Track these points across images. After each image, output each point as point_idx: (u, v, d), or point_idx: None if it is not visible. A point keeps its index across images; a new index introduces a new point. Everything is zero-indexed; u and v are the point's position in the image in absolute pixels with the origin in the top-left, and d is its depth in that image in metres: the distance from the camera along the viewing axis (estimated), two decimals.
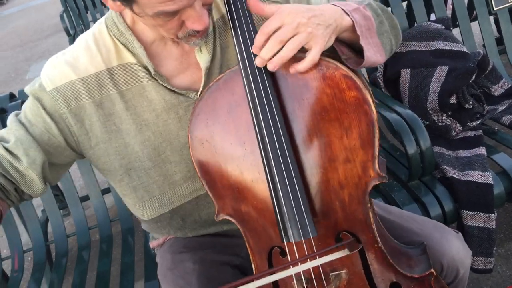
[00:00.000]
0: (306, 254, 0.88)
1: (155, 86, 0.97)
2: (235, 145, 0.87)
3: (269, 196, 0.85)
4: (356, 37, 0.86)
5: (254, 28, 0.85)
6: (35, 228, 1.93)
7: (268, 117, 0.82)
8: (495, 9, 2.07)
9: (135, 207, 1.10)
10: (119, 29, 0.95)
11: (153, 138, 1.00)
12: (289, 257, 0.90)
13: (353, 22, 0.84)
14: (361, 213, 0.87)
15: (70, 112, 0.97)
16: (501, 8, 2.07)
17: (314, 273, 0.90)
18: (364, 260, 0.90)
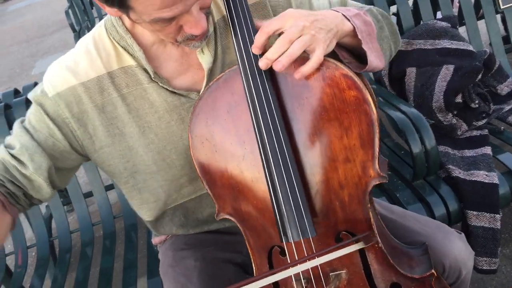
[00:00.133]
0: (306, 254, 0.88)
1: (156, 88, 0.97)
2: (235, 145, 0.87)
3: (268, 196, 0.85)
4: (357, 42, 0.86)
5: (254, 29, 0.85)
6: (39, 224, 1.94)
7: (267, 117, 0.82)
8: (502, 7, 2.05)
9: (140, 208, 1.11)
10: (119, 33, 0.95)
11: (157, 140, 1.00)
12: (288, 257, 0.90)
13: (354, 27, 0.85)
14: (361, 213, 0.86)
15: (72, 117, 0.97)
16: (508, 6, 2.06)
17: (314, 273, 0.89)
18: (364, 260, 0.89)
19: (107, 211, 1.95)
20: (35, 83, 2.07)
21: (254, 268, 0.94)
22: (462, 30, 2.07)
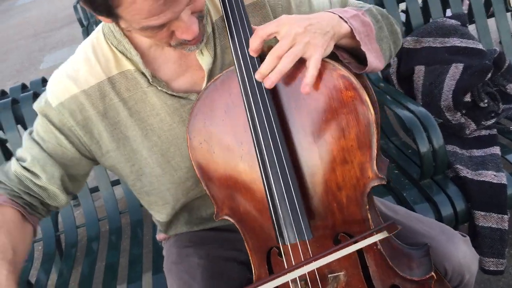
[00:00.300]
0: (303, 255, 0.87)
1: (155, 91, 0.97)
2: (233, 146, 0.87)
3: (266, 198, 0.85)
4: (355, 43, 0.86)
5: (251, 30, 0.84)
6: (45, 219, 1.92)
7: (263, 119, 0.82)
8: None
9: (150, 209, 1.13)
10: (116, 37, 0.95)
11: (160, 143, 1.00)
12: (286, 259, 0.89)
13: (351, 28, 0.84)
14: (360, 215, 0.86)
15: (77, 125, 0.98)
16: None
17: (312, 275, 0.89)
18: (362, 262, 0.89)
19: (113, 206, 1.96)
20: (43, 78, 2.09)
21: (252, 269, 0.94)
22: (471, 28, 2.05)
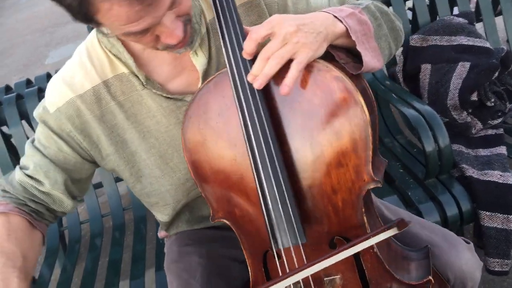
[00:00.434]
0: (298, 259, 0.86)
1: (150, 94, 0.96)
2: (227, 148, 0.86)
3: (259, 201, 0.84)
4: (351, 43, 0.84)
5: (242, 32, 0.83)
6: None
7: (255, 121, 0.81)
8: None
9: (152, 209, 1.13)
10: (110, 41, 0.94)
11: (158, 144, 1.00)
12: (280, 262, 0.89)
13: (346, 28, 0.82)
14: (356, 218, 0.84)
15: (76, 129, 0.98)
16: None
17: (306, 279, 0.88)
18: (359, 265, 0.88)
19: (117, 203, 1.96)
20: (48, 73, 2.08)
21: (249, 271, 0.94)
22: (479, 27, 2.03)
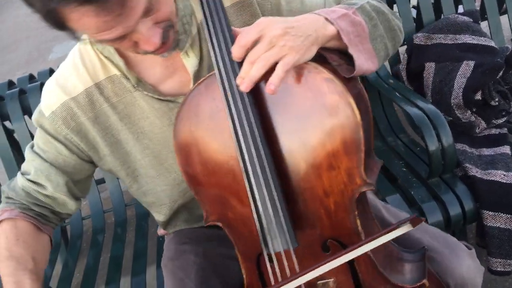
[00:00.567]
0: (290, 262, 0.86)
1: (142, 96, 0.96)
2: (218, 151, 0.85)
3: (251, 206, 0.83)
4: (344, 45, 0.82)
5: (231, 34, 0.81)
6: None
7: (244, 125, 0.79)
8: None
9: (149, 209, 1.13)
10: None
11: (152, 145, 1.00)
12: (274, 265, 0.88)
13: (337, 30, 0.80)
14: (348, 221, 0.84)
15: (72, 132, 0.98)
16: None
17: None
18: (352, 268, 0.87)
19: (119, 199, 1.96)
20: (51, 69, 2.08)
21: (244, 273, 0.93)
22: (484, 25, 2.01)
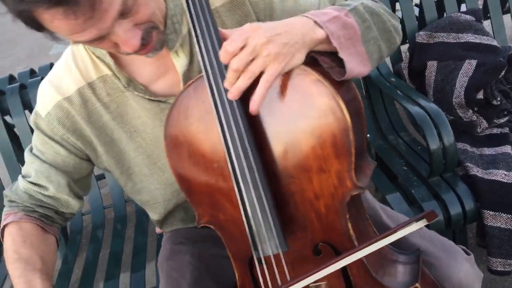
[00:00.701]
0: (278, 267, 0.86)
1: (133, 96, 0.95)
2: (208, 153, 0.85)
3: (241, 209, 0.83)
4: (334, 48, 0.80)
5: (218, 36, 0.80)
6: None
7: (232, 128, 0.79)
8: None
9: (143, 207, 1.13)
10: None
11: (145, 144, 0.99)
12: (265, 268, 0.88)
13: (327, 34, 0.79)
14: (340, 224, 0.83)
15: (68, 132, 0.98)
16: None
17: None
18: (344, 272, 0.86)
19: (119, 194, 1.96)
20: (51, 64, 2.08)
21: (236, 276, 0.93)
22: (486, 24, 2.01)
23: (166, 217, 1.13)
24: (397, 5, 2.07)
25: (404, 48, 2.02)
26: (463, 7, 2.03)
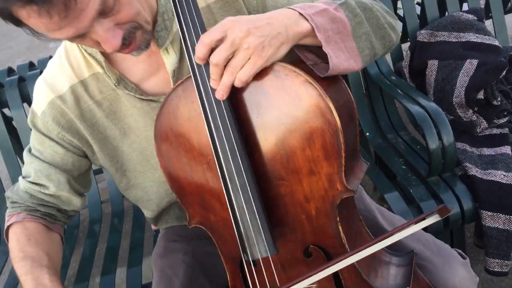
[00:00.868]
0: (269, 270, 0.85)
1: (124, 94, 0.95)
2: (197, 154, 0.84)
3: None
4: (320, 42, 0.78)
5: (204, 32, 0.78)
6: None
7: (220, 128, 0.77)
8: None
9: (138, 204, 1.12)
10: None
11: (138, 141, 0.99)
12: (256, 269, 0.88)
13: (312, 27, 0.76)
14: (330, 227, 0.82)
15: (63, 130, 0.98)
16: None
17: None
18: (335, 275, 0.86)
19: (117, 189, 1.94)
20: (51, 57, 2.07)
21: (228, 277, 0.93)
22: (488, 24, 2.00)
23: (160, 215, 1.13)
24: (399, 3, 2.07)
25: (405, 46, 2.01)
26: (465, 6, 2.02)
